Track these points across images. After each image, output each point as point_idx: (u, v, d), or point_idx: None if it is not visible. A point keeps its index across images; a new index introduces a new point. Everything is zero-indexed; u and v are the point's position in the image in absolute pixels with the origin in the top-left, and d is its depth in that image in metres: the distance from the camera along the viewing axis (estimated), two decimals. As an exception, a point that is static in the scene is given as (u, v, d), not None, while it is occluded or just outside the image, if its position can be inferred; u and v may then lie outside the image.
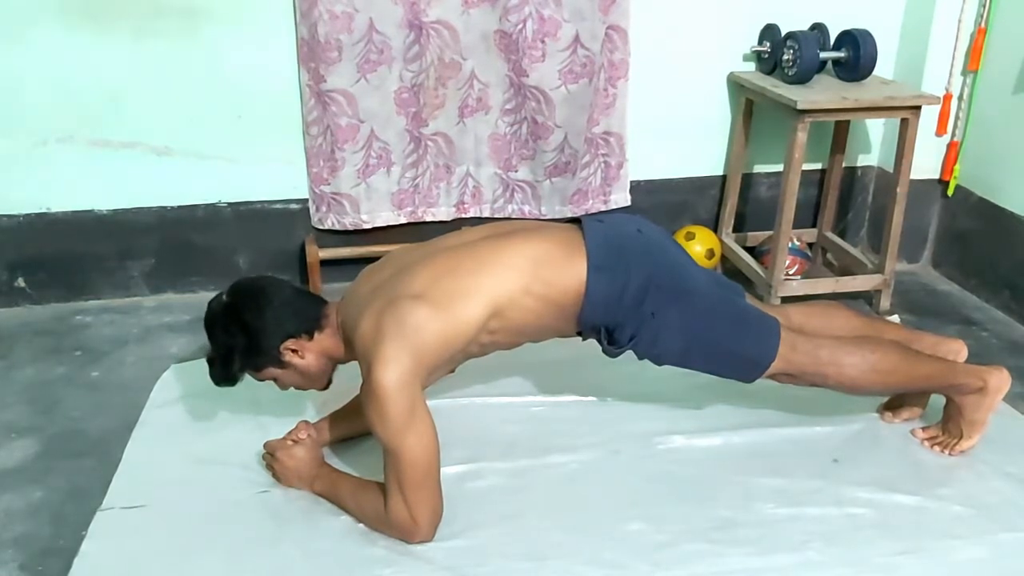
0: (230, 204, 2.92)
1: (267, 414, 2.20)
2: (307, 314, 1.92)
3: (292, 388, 2.00)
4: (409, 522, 1.77)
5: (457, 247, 1.93)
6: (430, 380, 1.94)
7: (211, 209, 2.92)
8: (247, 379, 2.35)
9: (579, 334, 2.03)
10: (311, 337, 1.90)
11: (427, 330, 1.76)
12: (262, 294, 1.90)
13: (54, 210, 2.83)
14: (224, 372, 1.92)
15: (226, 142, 2.84)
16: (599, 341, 1.99)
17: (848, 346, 2.00)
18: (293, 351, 1.89)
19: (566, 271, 1.88)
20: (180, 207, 2.89)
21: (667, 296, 1.92)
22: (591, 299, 1.89)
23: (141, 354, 2.59)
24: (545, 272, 1.87)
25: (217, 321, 1.90)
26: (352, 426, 2.10)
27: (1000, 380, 2.03)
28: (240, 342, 1.87)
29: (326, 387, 2.02)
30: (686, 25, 2.95)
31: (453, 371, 2.12)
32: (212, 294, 2.84)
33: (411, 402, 1.72)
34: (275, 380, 1.96)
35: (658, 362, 2.00)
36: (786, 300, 2.74)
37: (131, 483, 1.99)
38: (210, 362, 1.94)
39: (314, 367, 1.93)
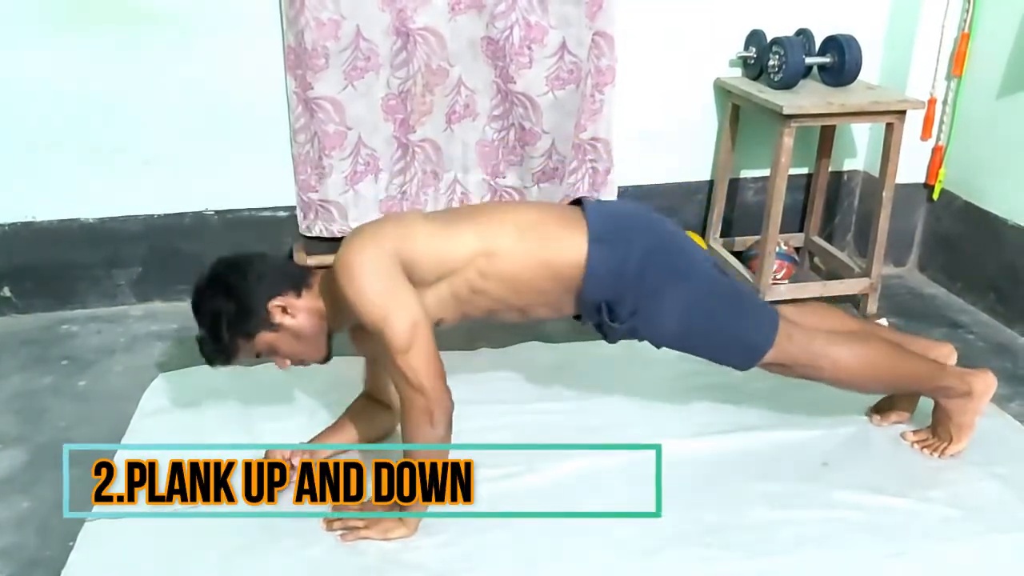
0: (217, 212, 2.91)
1: (256, 423, 2.18)
2: (292, 273, 1.92)
3: (291, 364, 1.93)
4: (417, 395, 1.72)
5: (451, 208, 1.95)
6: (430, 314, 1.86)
7: (198, 217, 2.91)
8: (236, 382, 2.34)
9: (577, 318, 2.00)
10: (299, 294, 1.87)
11: (402, 221, 1.85)
12: (244, 260, 1.89)
13: (40, 219, 2.81)
14: (216, 344, 1.84)
15: (213, 150, 2.82)
16: (599, 319, 1.93)
17: (840, 339, 2.02)
18: (283, 311, 1.85)
19: (565, 241, 1.87)
20: (167, 215, 2.88)
21: (669, 271, 1.91)
22: (593, 272, 1.85)
23: (128, 363, 2.57)
24: (543, 233, 1.87)
25: (202, 293, 1.85)
26: (341, 438, 2.08)
27: (986, 384, 2.05)
28: (227, 306, 1.81)
29: (327, 359, 1.96)
30: (672, 31, 2.96)
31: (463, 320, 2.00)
32: (200, 302, 2.87)
33: (386, 273, 1.74)
34: (272, 350, 1.89)
35: (657, 341, 1.98)
36: (774, 304, 2.74)
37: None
38: (200, 341, 1.87)
39: (307, 327, 1.87)
